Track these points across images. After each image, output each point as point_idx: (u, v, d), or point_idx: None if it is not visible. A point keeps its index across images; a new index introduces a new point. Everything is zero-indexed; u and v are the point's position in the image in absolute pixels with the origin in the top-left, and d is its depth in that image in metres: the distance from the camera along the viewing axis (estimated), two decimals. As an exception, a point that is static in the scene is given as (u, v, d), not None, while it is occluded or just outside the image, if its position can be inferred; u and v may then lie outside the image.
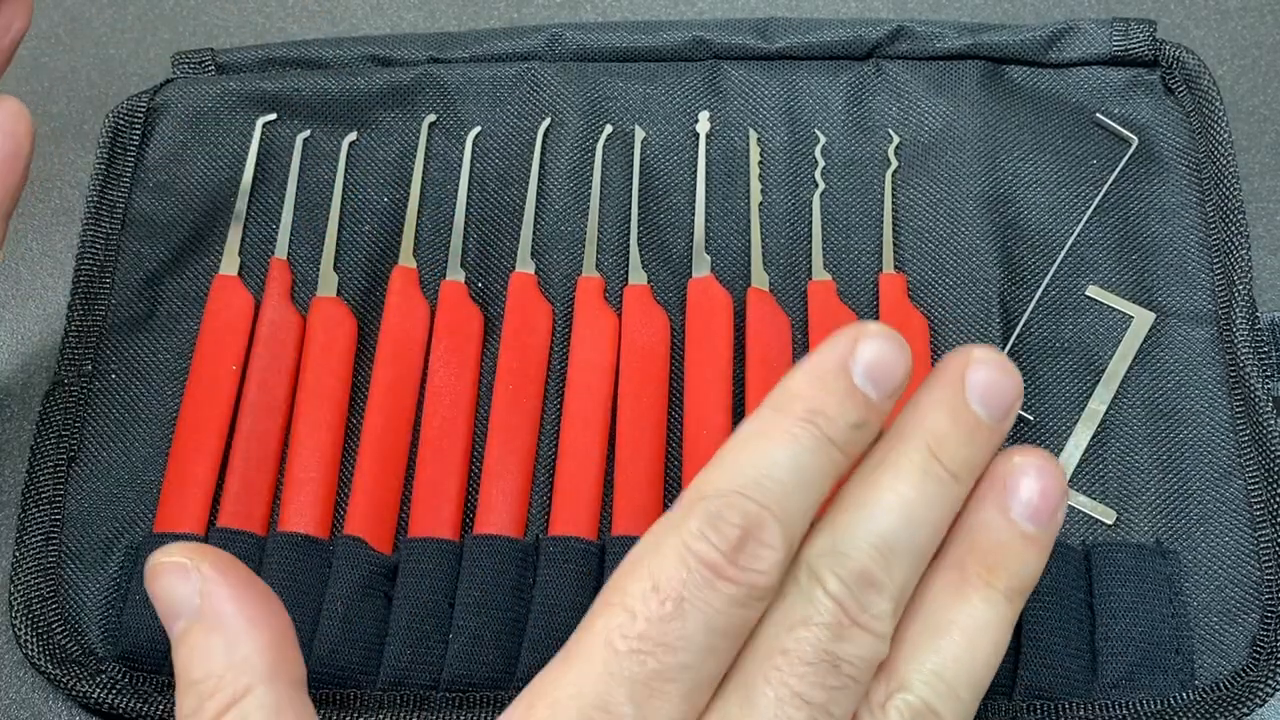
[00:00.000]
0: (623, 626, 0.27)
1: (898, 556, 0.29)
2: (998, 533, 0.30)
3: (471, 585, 0.40)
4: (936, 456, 0.30)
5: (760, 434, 0.29)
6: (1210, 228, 0.44)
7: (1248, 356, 0.42)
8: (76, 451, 0.44)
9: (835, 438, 0.29)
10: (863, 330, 0.30)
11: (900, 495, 0.29)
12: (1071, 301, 0.44)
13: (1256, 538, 0.40)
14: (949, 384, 0.31)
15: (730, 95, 0.48)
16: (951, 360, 0.31)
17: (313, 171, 0.48)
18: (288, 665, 0.30)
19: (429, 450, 0.42)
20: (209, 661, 0.29)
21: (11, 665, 0.42)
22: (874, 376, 0.30)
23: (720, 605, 0.28)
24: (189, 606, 0.30)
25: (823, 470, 0.29)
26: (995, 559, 0.30)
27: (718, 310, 0.43)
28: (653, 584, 0.28)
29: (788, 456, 0.29)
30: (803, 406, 0.29)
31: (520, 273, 0.45)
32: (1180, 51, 0.46)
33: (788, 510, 0.28)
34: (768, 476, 0.28)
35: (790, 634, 0.28)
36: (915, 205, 0.45)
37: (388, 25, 0.53)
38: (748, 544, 0.28)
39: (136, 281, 0.46)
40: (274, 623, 0.30)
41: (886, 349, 0.30)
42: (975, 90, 0.47)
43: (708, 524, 0.28)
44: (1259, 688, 0.38)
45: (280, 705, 0.29)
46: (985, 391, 0.30)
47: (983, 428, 0.30)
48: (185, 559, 0.30)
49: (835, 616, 0.28)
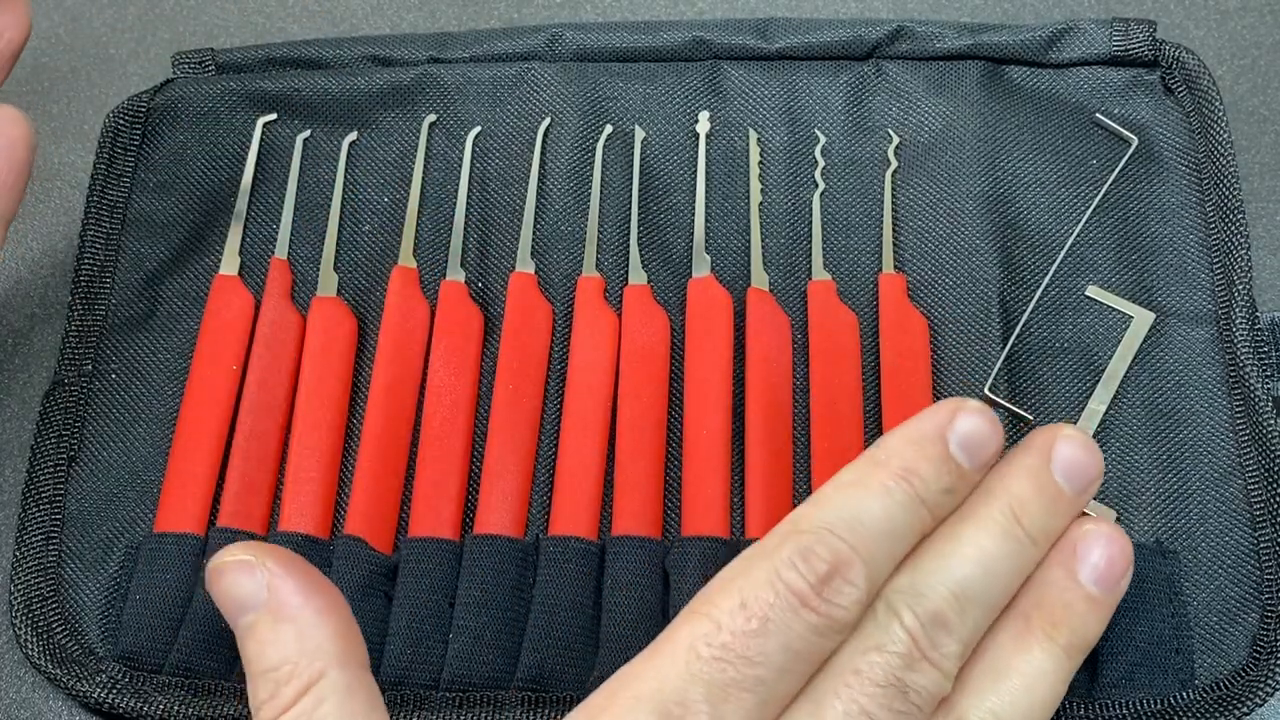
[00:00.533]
0: (708, 635, 0.30)
1: (971, 604, 0.32)
2: (1064, 592, 0.33)
3: (471, 585, 0.40)
4: (1018, 519, 0.33)
5: (858, 483, 0.32)
6: (1210, 228, 0.44)
7: (1247, 356, 0.42)
8: (76, 451, 0.44)
9: (926, 498, 0.32)
10: (962, 405, 0.33)
11: (980, 548, 0.32)
12: (1071, 301, 0.44)
13: (1256, 538, 0.40)
14: (1037, 454, 0.34)
15: (730, 95, 0.48)
16: (1041, 434, 0.34)
17: (313, 171, 0.48)
18: (355, 650, 0.32)
19: (429, 450, 0.42)
20: (282, 650, 0.31)
21: (11, 665, 0.42)
22: (968, 448, 0.33)
23: (800, 630, 0.30)
24: (256, 600, 0.32)
25: (909, 525, 0.32)
26: (1059, 616, 0.33)
27: (718, 310, 0.43)
28: (741, 601, 0.30)
29: (880, 507, 0.32)
30: (900, 464, 0.32)
31: (520, 272, 0.45)
32: (1180, 52, 0.46)
33: (874, 555, 0.31)
34: (859, 521, 0.31)
35: (864, 657, 0.31)
36: (915, 205, 0.45)
37: (388, 25, 0.53)
38: (834, 579, 0.30)
39: (137, 281, 0.46)
40: (340, 612, 0.32)
41: (982, 425, 0.33)
42: (975, 90, 0.47)
43: (799, 555, 0.30)
44: (1259, 687, 0.38)
45: (352, 686, 0.31)
46: (1069, 466, 0.34)
47: (1063, 498, 0.34)
48: (249, 555, 0.32)
49: (908, 648, 0.31)
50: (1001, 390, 0.42)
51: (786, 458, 0.42)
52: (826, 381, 0.42)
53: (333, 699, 0.31)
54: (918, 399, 0.42)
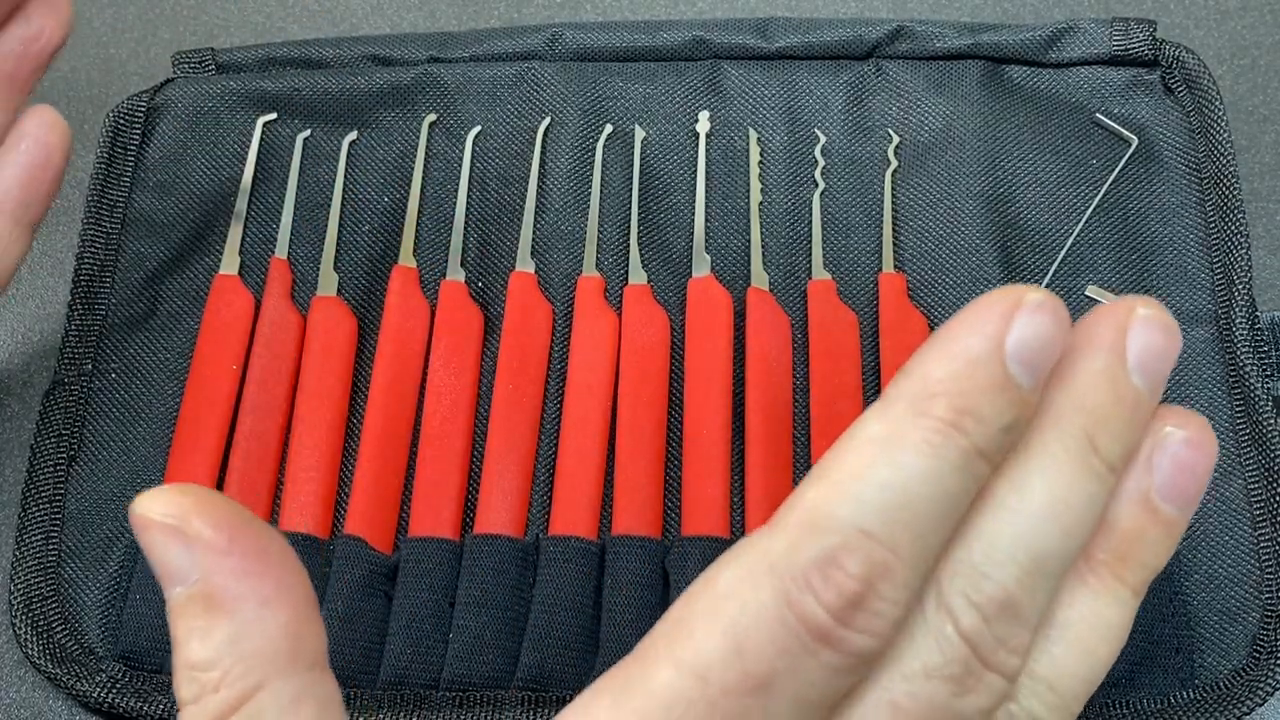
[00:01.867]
0: (690, 692, 0.23)
1: (1045, 576, 0.24)
2: (1135, 519, 0.25)
3: (472, 585, 0.40)
4: (1095, 446, 0.24)
5: (892, 441, 0.23)
6: (1210, 228, 0.44)
7: (1247, 356, 0.42)
8: (77, 450, 0.44)
9: (985, 447, 0.23)
10: (1021, 298, 0.23)
11: (1054, 497, 0.24)
12: (1071, 301, 0.44)
13: (1256, 537, 0.40)
14: (1109, 350, 0.25)
15: (730, 95, 0.48)
16: (1108, 317, 0.25)
17: (313, 171, 0.48)
18: (306, 647, 0.25)
19: (429, 450, 0.42)
20: (211, 648, 0.25)
21: (11, 664, 0.42)
22: (1029, 361, 0.23)
23: (816, 677, 0.22)
24: (185, 576, 0.25)
25: (967, 492, 0.23)
26: (1128, 548, 0.25)
27: (718, 310, 0.43)
28: (737, 647, 0.22)
29: (928, 476, 0.23)
30: (948, 406, 0.23)
31: (520, 272, 0.45)
32: (1180, 51, 0.46)
33: (918, 550, 0.23)
34: (902, 506, 0.23)
35: (906, 684, 0.23)
36: (915, 205, 0.45)
37: (388, 25, 0.53)
38: (865, 600, 0.22)
39: (137, 281, 0.46)
40: (292, 597, 0.25)
41: (1050, 325, 0.23)
42: (975, 90, 0.47)
43: (818, 571, 0.22)
44: (1259, 686, 0.38)
45: (299, 696, 0.25)
46: (1147, 358, 0.24)
47: (1143, 404, 0.25)
48: (176, 517, 0.25)
49: (965, 665, 0.23)
50: (1001, 390, 0.42)
51: (786, 458, 0.42)
52: (826, 381, 0.42)
53: (272, 713, 0.24)
54: (918, 399, 0.42)
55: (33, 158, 0.42)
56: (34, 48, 0.43)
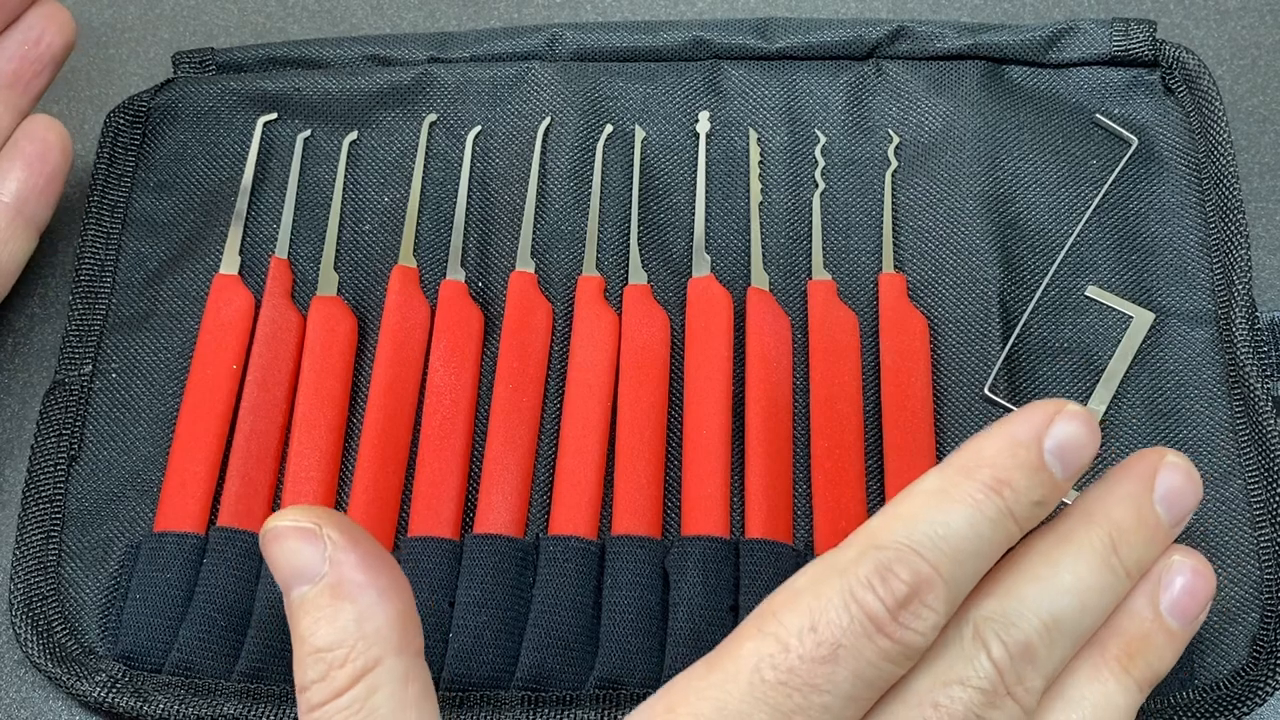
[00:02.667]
0: (774, 657, 0.28)
1: (1061, 636, 0.30)
2: (1144, 623, 0.32)
3: (471, 584, 0.40)
4: (1116, 549, 0.31)
5: (943, 493, 0.30)
6: (1210, 228, 0.44)
7: (1247, 356, 0.42)
8: (77, 450, 0.44)
9: (1016, 512, 0.30)
10: (1062, 407, 0.30)
11: (1078, 578, 0.31)
12: (1071, 302, 0.44)
13: (1256, 537, 0.40)
14: (1139, 481, 0.32)
15: (730, 95, 0.48)
16: (1144, 458, 0.32)
17: (313, 171, 0.48)
18: (414, 635, 0.31)
19: (429, 450, 0.42)
20: (339, 630, 0.30)
21: (11, 664, 0.42)
22: (1063, 456, 0.30)
23: (873, 658, 0.28)
24: (314, 572, 0.30)
25: (997, 542, 0.30)
26: (1137, 648, 0.31)
27: (718, 310, 0.43)
28: (811, 623, 0.28)
29: (967, 521, 0.29)
30: (991, 474, 0.30)
31: (520, 272, 0.45)
32: (1180, 52, 0.46)
33: (956, 576, 0.29)
34: (944, 538, 0.29)
35: (944, 690, 0.29)
36: (915, 205, 0.45)
37: (388, 25, 0.53)
38: (912, 602, 0.28)
39: (137, 281, 0.46)
40: (402, 592, 0.31)
41: (1081, 431, 0.30)
42: (975, 90, 0.47)
43: (876, 574, 0.28)
44: (1259, 687, 0.38)
45: (407, 675, 0.30)
46: (1171, 495, 0.32)
47: (1161, 530, 0.32)
48: (311, 522, 0.30)
49: (992, 683, 0.29)
50: (1001, 390, 0.42)
51: (786, 458, 0.42)
52: (826, 381, 0.42)
53: (387, 688, 0.29)
54: (917, 399, 0.42)
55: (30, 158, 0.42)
56: (34, 51, 0.44)
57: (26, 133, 0.45)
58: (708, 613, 0.39)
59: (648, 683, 0.39)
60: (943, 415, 0.42)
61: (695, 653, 0.38)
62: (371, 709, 0.29)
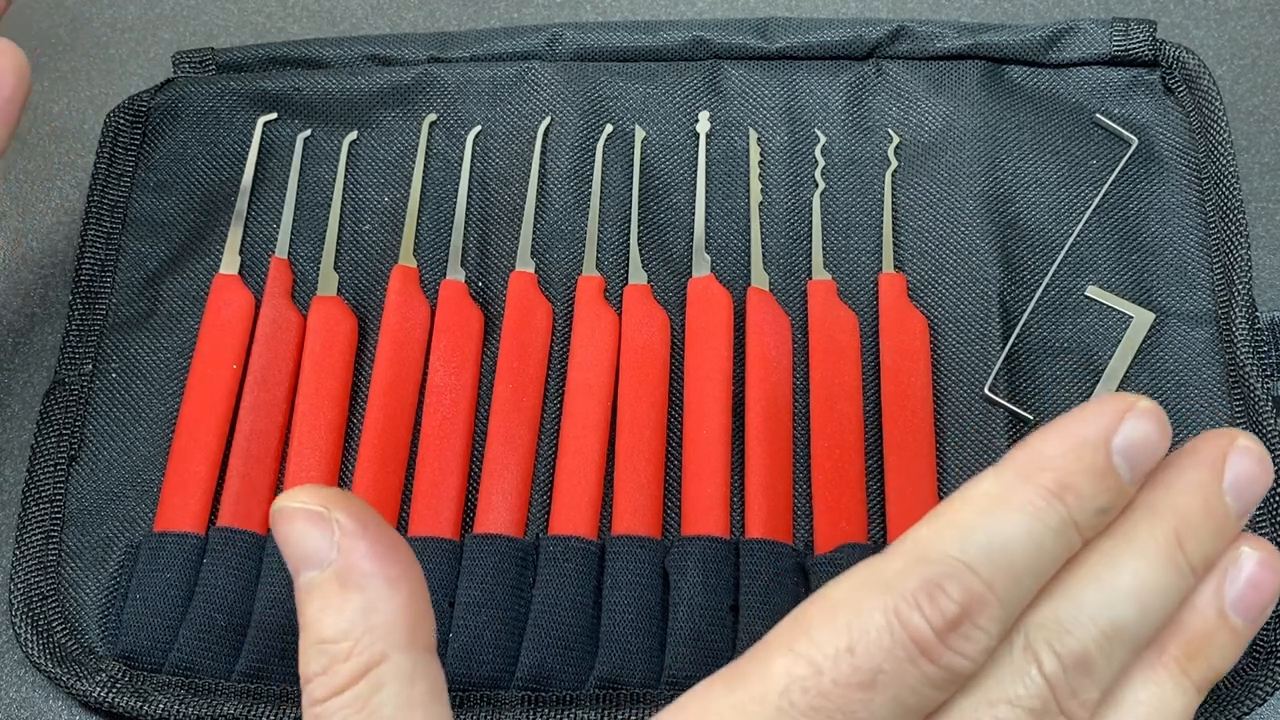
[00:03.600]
0: (805, 680, 0.26)
1: (1120, 644, 0.27)
2: (1206, 621, 0.29)
3: (471, 584, 0.40)
4: (1182, 545, 0.28)
5: (1001, 499, 0.27)
6: (1210, 228, 0.44)
7: (1247, 357, 0.42)
8: (77, 450, 0.44)
9: (1080, 520, 0.27)
10: (1133, 404, 0.28)
11: (1139, 579, 0.28)
12: (1071, 301, 0.44)
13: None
14: (1209, 469, 0.29)
15: (730, 95, 0.48)
16: (1212, 441, 0.29)
17: (313, 171, 0.48)
18: (424, 630, 0.29)
19: (429, 449, 0.42)
20: (344, 621, 0.28)
21: (12, 664, 0.42)
22: (1132, 458, 0.28)
23: (915, 684, 0.26)
24: (323, 558, 0.28)
25: (1057, 555, 0.27)
26: (1198, 648, 0.29)
27: (718, 310, 0.43)
28: (849, 644, 0.26)
29: (1026, 532, 0.27)
30: (1054, 479, 0.27)
31: (520, 272, 0.45)
32: (1180, 52, 0.46)
33: (1011, 594, 0.26)
34: (1000, 551, 0.26)
35: (991, 710, 0.27)
36: (915, 205, 0.45)
37: (388, 25, 0.53)
38: (963, 624, 0.26)
39: (137, 281, 0.46)
40: (413, 583, 0.29)
41: (1154, 431, 0.28)
42: (975, 90, 0.47)
43: (924, 592, 0.26)
44: (1258, 687, 0.38)
45: (414, 673, 0.28)
46: (1241, 482, 0.29)
47: (1230, 521, 0.29)
48: (320, 505, 0.29)
49: (1043, 701, 0.27)
50: (1001, 390, 0.42)
51: (786, 457, 0.42)
52: (826, 381, 0.42)
53: (392, 686, 0.28)
54: (917, 399, 0.42)
55: None
56: None
57: None
58: (708, 612, 0.39)
59: (648, 682, 0.39)
60: (943, 415, 0.42)
61: (695, 652, 0.38)
62: (375, 708, 0.28)
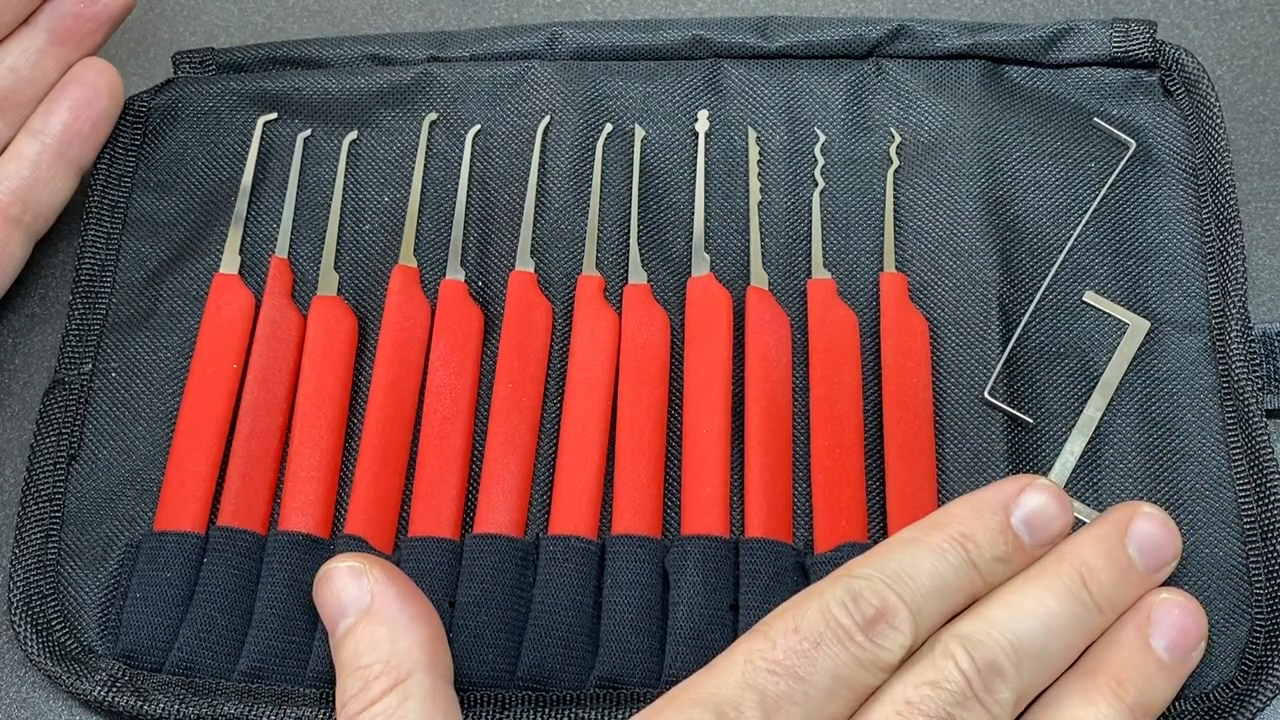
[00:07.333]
0: (763, 650, 0.32)
1: (1028, 658, 0.32)
2: (1134, 653, 0.34)
3: (471, 584, 0.40)
4: (1085, 583, 0.34)
5: (914, 541, 0.34)
6: (1206, 234, 0.44)
7: (1240, 367, 0.42)
8: (76, 449, 0.44)
9: (978, 563, 0.33)
10: (1031, 482, 0.35)
11: (1044, 605, 0.33)
12: (1069, 306, 0.44)
13: (1246, 550, 0.40)
14: (1112, 525, 0.35)
15: (730, 94, 0.48)
16: (1120, 508, 0.35)
17: (313, 170, 0.48)
18: (441, 659, 0.35)
19: (429, 449, 0.42)
20: (375, 649, 0.34)
21: (11, 664, 0.42)
22: (1030, 524, 0.34)
23: (847, 660, 0.32)
24: (359, 605, 0.35)
25: (959, 586, 0.33)
26: (1128, 675, 0.33)
27: (717, 309, 0.43)
28: (794, 626, 0.32)
29: (931, 565, 0.33)
30: (958, 530, 0.34)
31: (520, 271, 0.45)
32: (1180, 54, 0.46)
33: (920, 607, 0.32)
34: (909, 575, 0.33)
35: (917, 690, 0.32)
36: (914, 205, 0.45)
37: (388, 25, 0.53)
38: (879, 623, 0.32)
39: (137, 280, 0.46)
40: (431, 622, 0.35)
41: (1048, 504, 0.34)
42: (975, 90, 0.47)
43: (849, 596, 0.32)
44: (1248, 700, 0.37)
45: (434, 692, 0.34)
46: (1144, 541, 0.35)
47: (1134, 572, 0.34)
48: (358, 563, 0.36)
49: (961, 687, 0.32)
50: (1000, 394, 0.42)
51: (786, 457, 0.42)
52: (826, 381, 0.42)
53: (416, 699, 0.34)
54: (918, 399, 0.42)
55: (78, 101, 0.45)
56: (90, 10, 0.44)
57: (76, 76, 0.45)
58: (708, 612, 0.39)
59: (648, 682, 0.39)
60: (943, 417, 0.42)
61: (695, 652, 0.38)
62: (402, 716, 0.33)
